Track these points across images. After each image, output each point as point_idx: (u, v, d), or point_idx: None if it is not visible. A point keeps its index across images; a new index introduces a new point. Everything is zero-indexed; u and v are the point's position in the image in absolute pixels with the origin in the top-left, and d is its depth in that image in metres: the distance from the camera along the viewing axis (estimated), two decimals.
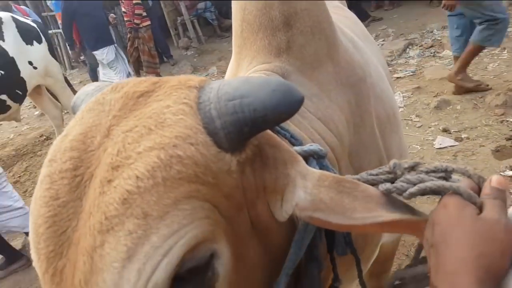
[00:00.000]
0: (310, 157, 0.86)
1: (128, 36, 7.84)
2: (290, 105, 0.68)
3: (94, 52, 6.65)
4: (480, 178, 0.74)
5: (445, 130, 4.09)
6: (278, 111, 0.66)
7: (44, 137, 6.63)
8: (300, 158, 0.79)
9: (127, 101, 0.70)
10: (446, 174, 0.78)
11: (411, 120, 4.50)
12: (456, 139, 3.90)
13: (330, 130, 1.09)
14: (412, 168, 0.82)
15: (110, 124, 0.67)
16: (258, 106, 0.65)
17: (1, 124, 6.90)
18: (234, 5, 1.19)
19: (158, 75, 8.03)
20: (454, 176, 0.80)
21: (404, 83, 5.44)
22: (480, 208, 0.68)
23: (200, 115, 0.66)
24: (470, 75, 4.82)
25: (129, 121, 0.66)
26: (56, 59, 5.16)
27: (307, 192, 0.74)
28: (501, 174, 3.24)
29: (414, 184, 0.77)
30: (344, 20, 1.86)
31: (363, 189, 0.75)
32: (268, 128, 0.71)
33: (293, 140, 0.91)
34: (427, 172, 0.81)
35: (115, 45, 6.95)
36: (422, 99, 4.85)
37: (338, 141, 1.11)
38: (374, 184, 0.81)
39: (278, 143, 0.78)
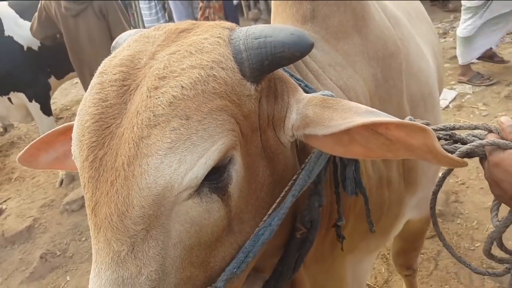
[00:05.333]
0: None
1: (200, 5, 8.02)
2: (303, 46, 0.82)
3: None
4: (496, 128, 0.86)
5: None
6: (293, 50, 0.81)
7: None
8: (300, 89, 0.91)
9: (170, 35, 0.85)
10: (452, 134, 0.90)
11: (477, 108, 4.29)
12: None
13: (350, 98, 1.14)
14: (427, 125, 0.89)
15: (155, 50, 0.82)
16: (278, 44, 0.80)
17: (77, 82, 7.36)
18: None
19: None
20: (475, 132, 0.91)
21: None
22: None
23: (230, 48, 0.81)
24: None
25: (172, 47, 0.81)
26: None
27: (298, 112, 0.86)
28: None
29: (451, 153, 0.87)
30: None
31: (344, 103, 0.83)
32: (284, 64, 0.84)
33: (307, 89, 1.00)
34: (436, 130, 0.91)
35: None
36: (493, 87, 4.58)
37: None
38: None
39: (286, 78, 0.91)
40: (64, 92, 7.55)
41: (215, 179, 0.77)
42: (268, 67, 0.81)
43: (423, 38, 1.80)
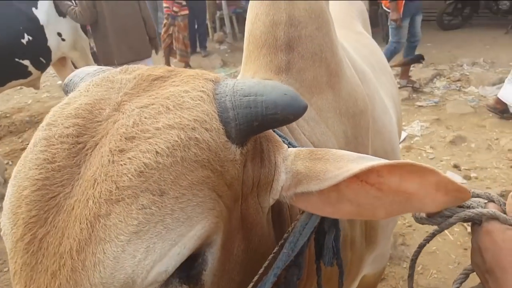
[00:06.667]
0: None
1: (164, 22, 7.94)
2: (297, 109, 0.73)
3: None
4: (500, 200, 0.83)
5: (456, 166, 4.04)
6: (287, 112, 0.71)
7: None
8: (284, 145, 0.81)
9: (141, 82, 0.71)
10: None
11: (425, 150, 4.46)
12: (465, 177, 3.84)
13: None
14: None
15: (121, 100, 0.67)
16: (270, 104, 0.70)
17: (22, 88, 6.97)
18: (247, 17, 1.21)
19: (187, 64, 8.24)
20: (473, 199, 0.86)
21: (425, 112, 5.39)
22: None
23: (215, 104, 0.69)
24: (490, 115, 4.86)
25: (143, 99, 0.67)
26: (86, 33, 5.21)
27: (287, 171, 0.76)
28: None
29: (449, 217, 0.83)
30: (361, 49, 1.86)
31: (334, 152, 0.75)
32: (275, 127, 0.74)
33: (291, 147, 0.91)
34: None
35: None
36: (439, 132, 4.81)
37: None
38: None
39: (270, 135, 0.81)
40: (5, 98, 7.07)
41: (187, 267, 0.64)
42: (257, 128, 0.71)
43: (385, 90, 1.83)
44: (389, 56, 5.69)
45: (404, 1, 5.40)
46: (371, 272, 1.67)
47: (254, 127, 0.70)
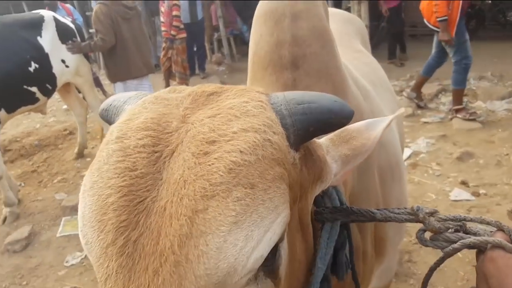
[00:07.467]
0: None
1: (163, 45, 8.05)
2: (347, 114, 0.79)
3: None
4: (508, 228, 0.83)
5: (464, 183, 3.97)
6: (340, 117, 0.78)
7: (68, 131, 6.75)
8: (317, 141, 0.88)
9: (197, 97, 0.75)
10: (463, 224, 0.88)
11: (431, 167, 4.41)
12: (473, 194, 3.79)
13: None
14: (432, 214, 0.90)
15: (184, 113, 0.71)
16: (324, 110, 0.76)
17: (30, 113, 7.09)
18: (250, 39, 1.23)
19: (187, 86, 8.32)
20: (471, 225, 0.88)
21: (431, 129, 5.35)
22: None
23: (274, 112, 0.74)
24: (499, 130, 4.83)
25: (207, 111, 0.71)
26: (88, 59, 5.32)
27: (335, 159, 0.86)
28: None
29: (454, 242, 0.85)
30: (362, 66, 1.87)
31: (352, 128, 0.89)
32: (328, 132, 0.81)
33: None
34: (445, 220, 0.89)
35: None
36: (446, 148, 4.76)
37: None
38: (395, 220, 0.92)
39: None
40: (15, 123, 7.19)
41: (269, 260, 0.67)
42: (312, 133, 0.76)
43: (387, 107, 1.83)
44: (464, 74, 5.29)
45: (458, 19, 5.03)
46: (377, 286, 1.65)
47: (310, 132, 0.75)
